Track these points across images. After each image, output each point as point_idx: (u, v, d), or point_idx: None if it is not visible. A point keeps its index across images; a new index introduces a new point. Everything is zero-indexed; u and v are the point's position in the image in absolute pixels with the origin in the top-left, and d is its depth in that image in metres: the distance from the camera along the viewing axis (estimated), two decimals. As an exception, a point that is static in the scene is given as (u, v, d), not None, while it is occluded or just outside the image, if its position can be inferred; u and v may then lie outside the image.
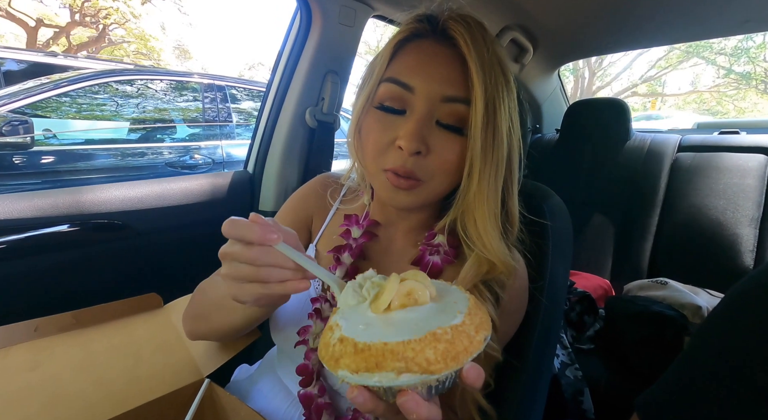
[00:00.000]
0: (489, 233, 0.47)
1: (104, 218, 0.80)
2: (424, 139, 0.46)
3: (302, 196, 0.66)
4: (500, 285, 0.50)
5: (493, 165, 0.47)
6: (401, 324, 0.29)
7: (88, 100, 2.58)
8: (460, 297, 0.32)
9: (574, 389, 0.96)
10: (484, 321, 0.30)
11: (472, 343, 0.28)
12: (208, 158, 2.87)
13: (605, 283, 1.36)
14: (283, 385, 0.61)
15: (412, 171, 0.46)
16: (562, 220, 0.67)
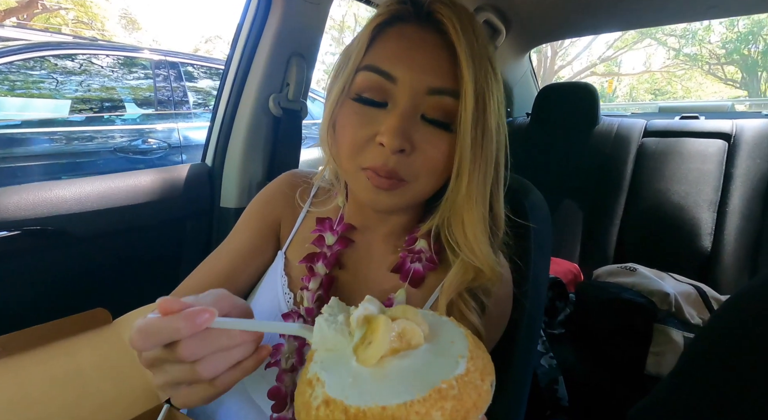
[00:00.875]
0: (478, 238, 0.44)
1: (34, 224, 0.69)
2: (408, 135, 0.41)
3: (267, 198, 0.60)
4: (486, 293, 0.47)
5: (482, 164, 0.43)
6: (396, 378, 0.24)
7: (21, 76, 2.29)
8: (456, 334, 0.28)
9: (549, 378, 0.97)
10: (487, 364, 0.26)
11: (481, 396, 0.24)
12: (163, 142, 2.66)
13: (575, 267, 1.39)
14: (254, 404, 0.56)
15: (395, 170, 0.42)
16: (543, 217, 0.65)
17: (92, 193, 0.77)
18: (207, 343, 0.28)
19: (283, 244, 0.57)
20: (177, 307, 0.27)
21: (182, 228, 0.89)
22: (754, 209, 1.24)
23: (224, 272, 0.54)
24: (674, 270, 1.15)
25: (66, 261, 0.72)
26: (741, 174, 1.28)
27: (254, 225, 0.58)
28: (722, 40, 11.87)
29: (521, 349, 0.56)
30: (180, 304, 0.27)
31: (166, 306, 0.27)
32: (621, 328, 0.98)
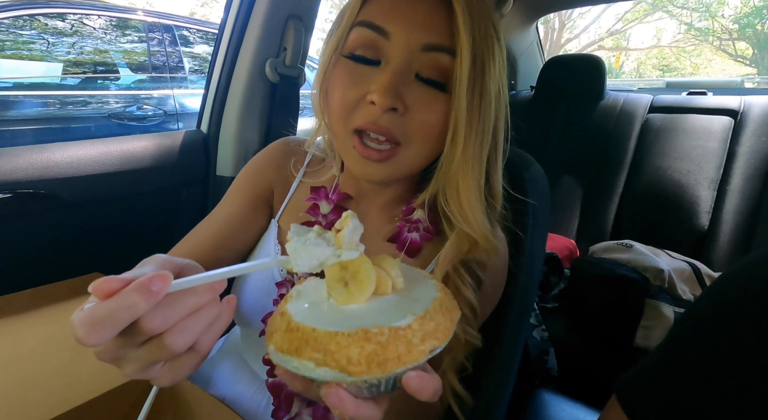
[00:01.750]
0: (473, 207, 0.43)
1: (26, 187, 0.68)
2: (401, 94, 0.40)
3: (259, 165, 0.58)
4: (481, 266, 0.47)
5: (479, 130, 0.42)
6: (345, 314, 0.26)
7: (11, 36, 2.20)
8: (427, 294, 0.28)
9: (540, 349, 0.99)
10: (439, 329, 0.25)
11: (410, 353, 0.24)
12: (158, 109, 2.60)
13: (571, 243, 1.40)
14: (248, 368, 0.57)
15: (387, 128, 0.41)
16: (542, 191, 0.64)
17: (85, 157, 0.75)
18: (172, 309, 0.23)
19: (276, 213, 0.56)
20: (117, 285, 0.22)
21: (177, 196, 0.88)
22: (753, 188, 1.23)
23: (213, 240, 0.53)
24: (670, 247, 1.15)
25: (59, 225, 0.72)
26: (744, 152, 1.26)
27: (245, 192, 0.56)
28: (735, 15, 11.47)
29: (513, 322, 0.57)
30: (119, 282, 0.22)
31: (104, 287, 0.22)
32: (613, 302, 0.99)
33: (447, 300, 0.28)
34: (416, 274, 0.31)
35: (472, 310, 0.45)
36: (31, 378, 0.52)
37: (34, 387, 0.52)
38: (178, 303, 0.24)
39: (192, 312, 0.25)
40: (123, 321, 0.21)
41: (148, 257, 0.27)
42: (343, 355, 0.23)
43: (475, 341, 0.46)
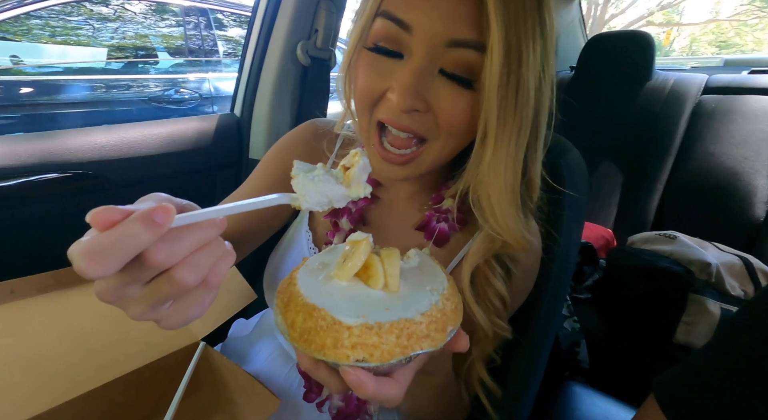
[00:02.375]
0: (504, 211, 0.40)
1: (76, 168, 0.72)
2: (421, 93, 0.37)
3: (289, 145, 0.57)
4: (513, 259, 0.45)
5: (514, 129, 0.38)
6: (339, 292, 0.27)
7: (61, 22, 2.31)
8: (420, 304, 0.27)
9: (571, 341, 0.97)
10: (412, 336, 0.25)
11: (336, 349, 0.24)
12: (194, 93, 2.67)
13: (608, 233, 1.34)
14: (281, 348, 0.59)
15: (409, 126, 0.39)
16: (580, 179, 0.61)
17: (129, 139, 0.78)
18: (178, 243, 0.22)
19: None
20: (118, 216, 0.20)
21: (212, 178, 0.90)
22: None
23: (235, 216, 0.53)
24: (719, 239, 1.08)
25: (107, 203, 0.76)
26: (811, 138, 1.15)
27: (274, 168, 0.56)
28: (810, -18, 10.28)
29: (544, 314, 0.55)
30: (120, 212, 0.21)
31: (103, 217, 0.20)
32: (652, 295, 0.95)
33: (449, 299, 0.27)
34: (427, 264, 0.31)
35: (502, 302, 0.44)
36: (83, 346, 0.56)
37: (86, 355, 0.56)
38: (184, 237, 0.22)
39: (199, 246, 0.23)
40: (127, 251, 0.20)
41: (152, 194, 0.25)
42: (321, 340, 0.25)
43: (505, 333, 0.45)
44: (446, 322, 0.25)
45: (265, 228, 0.58)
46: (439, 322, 0.25)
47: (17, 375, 0.51)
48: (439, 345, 0.25)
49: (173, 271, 0.22)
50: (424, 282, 0.29)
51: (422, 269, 0.31)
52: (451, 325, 0.26)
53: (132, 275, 0.22)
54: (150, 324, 0.58)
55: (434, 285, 0.28)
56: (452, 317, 0.26)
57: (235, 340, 0.68)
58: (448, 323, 0.26)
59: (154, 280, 0.23)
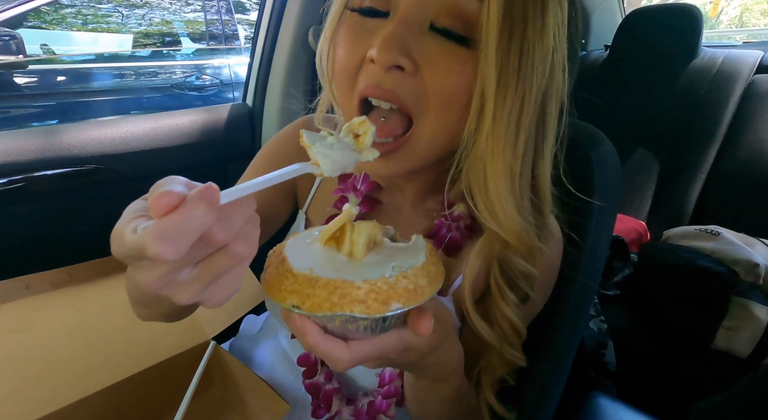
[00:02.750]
0: (501, 197, 0.35)
1: (86, 162, 0.72)
2: (408, 48, 0.32)
3: (279, 147, 0.53)
4: (527, 279, 0.39)
5: (516, 100, 0.32)
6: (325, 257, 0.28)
7: (92, 10, 2.35)
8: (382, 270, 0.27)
9: (597, 341, 0.92)
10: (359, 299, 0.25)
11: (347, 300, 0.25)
12: (215, 79, 2.67)
13: (641, 225, 1.25)
14: (286, 355, 0.57)
15: (392, 92, 0.33)
16: (612, 174, 0.55)
17: (138, 132, 0.77)
18: (233, 219, 0.22)
19: (303, 203, 0.53)
20: (176, 200, 0.20)
21: (224, 170, 0.89)
22: None
23: None
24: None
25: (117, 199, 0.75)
26: None
27: (263, 170, 0.52)
28: None
29: (568, 321, 0.51)
30: (177, 196, 0.20)
31: (163, 203, 0.20)
32: (689, 296, 0.88)
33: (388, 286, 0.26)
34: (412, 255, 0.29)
35: (514, 331, 0.39)
36: (95, 343, 0.56)
37: (97, 352, 0.56)
38: (233, 213, 0.22)
39: (247, 220, 0.23)
40: (195, 232, 0.20)
41: (164, 179, 0.24)
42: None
43: (518, 362, 0.40)
44: (391, 297, 0.25)
45: (270, 225, 0.55)
46: (382, 293, 0.25)
47: (31, 371, 0.51)
48: (373, 315, 0.24)
49: (232, 246, 0.22)
50: (395, 259, 0.28)
51: (406, 250, 0.30)
52: (397, 302, 0.25)
53: (189, 257, 0.21)
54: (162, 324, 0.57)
55: (401, 264, 0.27)
56: (403, 295, 0.25)
57: (243, 338, 0.67)
58: (393, 298, 0.25)
59: (211, 258, 0.22)
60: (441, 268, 0.29)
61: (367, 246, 0.28)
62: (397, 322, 0.28)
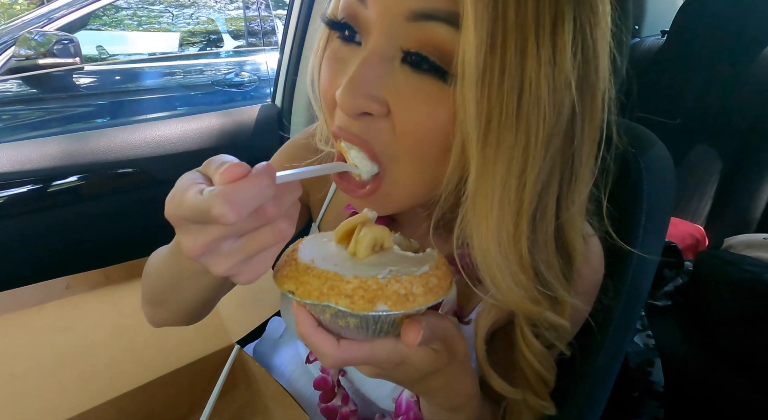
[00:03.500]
0: (497, 266, 0.29)
1: (123, 166, 0.74)
2: (376, 88, 0.28)
3: (291, 152, 0.50)
4: (555, 328, 0.34)
5: (517, 148, 0.26)
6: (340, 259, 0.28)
7: (145, 12, 2.48)
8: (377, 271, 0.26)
9: (643, 358, 0.85)
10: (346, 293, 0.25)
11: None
12: (253, 76, 2.73)
13: (698, 231, 1.14)
14: (305, 368, 0.56)
15: (361, 138, 0.30)
16: (663, 182, 0.50)
17: (171, 135, 0.79)
18: (283, 198, 0.23)
19: (316, 216, 0.51)
20: (244, 171, 0.21)
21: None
22: None
23: None
24: None
25: (152, 202, 0.78)
26: None
27: None
28: None
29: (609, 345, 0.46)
30: (245, 167, 0.22)
31: (233, 172, 0.21)
32: (753, 315, 0.78)
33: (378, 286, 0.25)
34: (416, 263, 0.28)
35: (540, 381, 0.35)
36: (129, 345, 0.58)
37: (130, 353, 0.58)
38: (285, 193, 0.24)
39: (293, 202, 0.25)
40: (257, 201, 0.21)
41: (216, 156, 0.25)
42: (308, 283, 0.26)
43: (545, 411, 0.36)
44: (378, 297, 0.25)
45: None
46: (369, 291, 0.25)
47: (67, 370, 0.54)
48: (357, 311, 0.24)
49: (279, 222, 0.23)
50: (396, 265, 0.27)
51: (412, 260, 0.28)
52: (383, 304, 0.24)
53: (239, 226, 0.22)
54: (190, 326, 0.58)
55: (400, 269, 0.26)
56: (391, 298, 0.25)
57: (266, 343, 0.67)
58: (380, 299, 0.24)
59: (257, 231, 0.23)
60: (446, 283, 0.27)
61: (371, 247, 0.28)
62: (393, 331, 0.27)
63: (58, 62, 2.01)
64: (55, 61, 2.00)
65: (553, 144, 0.27)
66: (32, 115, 2.03)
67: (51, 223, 0.71)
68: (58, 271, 0.62)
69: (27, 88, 2.00)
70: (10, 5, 3.34)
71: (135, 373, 0.55)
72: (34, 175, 0.68)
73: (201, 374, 0.60)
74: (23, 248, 0.71)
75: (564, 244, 0.33)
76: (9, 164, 0.66)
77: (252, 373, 0.60)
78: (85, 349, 0.57)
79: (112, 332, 0.60)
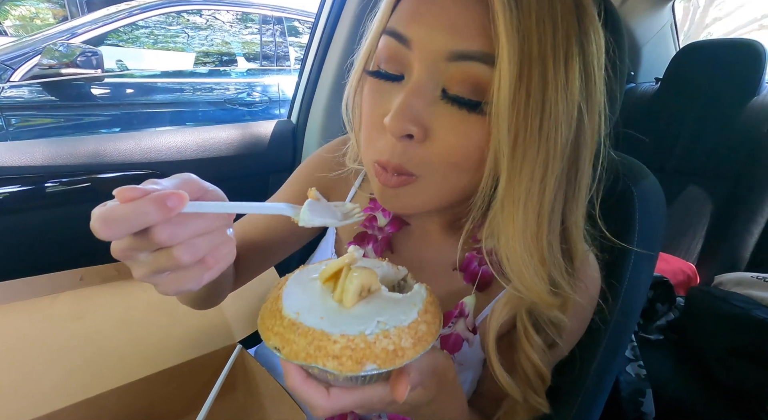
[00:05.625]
0: (520, 263, 0.34)
1: (143, 167, 0.78)
2: (419, 117, 0.32)
3: (316, 164, 0.55)
4: (555, 324, 0.38)
5: (537, 163, 0.31)
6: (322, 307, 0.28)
7: (162, 31, 2.61)
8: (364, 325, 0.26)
9: (634, 388, 0.86)
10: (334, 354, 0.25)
11: None
12: (264, 96, 2.84)
13: (689, 268, 1.17)
14: None
15: (400, 165, 0.34)
16: (655, 211, 0.53)
17: (191, 142, 0.83)
18: (183, 227, 0.25)
19: None
20: (137, 194, 0.23)
21: (266, 182, 0.94)
22: None
23: (262, 225, 0.53)
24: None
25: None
26: None
27: (302, 185, 0.55)
28: None
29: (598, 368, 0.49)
30: (139, 191, 0.24)
31: (125, 193, 0.23)
32: (743, 350, 0.80)
33: (366, 345, 0.25)
34: (405, 309, 0.28)
35: (539, 376, 0.38)
36: (136, 337, 0.60)
37: (137, 345, 0.59)
38: (189, 223, 0.25)
39: (201, 233, 0.26)
40: (134, 225, 0.23)
41: (179, 174, 0.28)
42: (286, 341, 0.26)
43: (541, 408, 0.39)
44: (366, 356, 0.24)
45: (293, 239, 0.57)
46: (357, 351, 0.24)
47: (77, 357, 0.55)
48: (345, 373, 0.24)
49: (173, 250, 0.25)
50: (383, 313, 0.27)
51: (400, 302, 0.28)
52: (372, 363, 0.24)
53: (139, 243, 0.25)
54: (194, 322, 0.60)
55: (388, 320, 0.26)
56: (380, 356, 0.24)
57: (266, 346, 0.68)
58: (369, 359, 0.24)
59: (157, 252, 0.25)
60: (435, 327, 0.28)
61: (358, 294, 0.27)
62: (383, 378, 0.27)
63: (80, 72, 2.10)
64: (78, 71, 2.09)
65: (566, 154, 0.32)
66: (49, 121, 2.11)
67: (70, 217, 0.74)
68: (73, 263, 0.64)
69: (47, 95, 2.08)
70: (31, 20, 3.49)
71: (140, 364, 0.57)
72: (61, 171, 0.71)
73: (203, 370, 0.61)
74: (42, 240, 0.73)
75: (568, 246, 0.37)
76: (41, 159, 0.70)
77: (252, 372, 0.61)
78: (96, 338, 0.58)
79: (120, 324, 0.61)
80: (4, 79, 1.96)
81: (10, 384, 0.50)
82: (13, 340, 0.55)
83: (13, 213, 0.71)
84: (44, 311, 0.59)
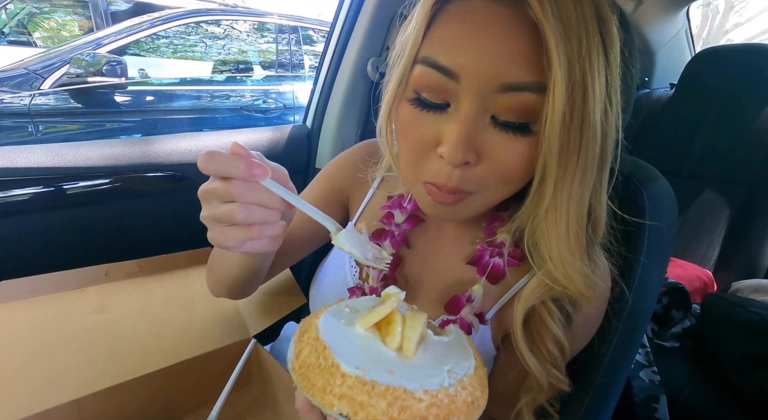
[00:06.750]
0: (565, 260, 0.36)
1: (167, 169, 0.81)
2: (474, 144, 0.34)
3: (341, 164, 0.58)
4: (573, 304, 0.40)
5: (578, 170, 0.34)
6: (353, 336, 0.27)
7: (181, 40, 2.71)
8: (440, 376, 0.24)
9: (647, 394, 0.84)
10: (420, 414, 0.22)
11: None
12: (279, 103, 2.90)
13: (706, 274, 1.15)
14: None
15: (457, 187, 0.36)
16: (665, 213, 0.53)
17: (211, 146, 0.87)
18: (251, 191, 0.31)
19: (353, 216, 0.56)
20: (245, 153, 0.31)
21: (281, 184, 0.96)
22: None
23: (302, 222, 0.55)
24: None
25: (187, 203, 0.85)
26: None
27: (323, 186, 0.58)
28: None
29: (609, 363, 0.49)
30: (245, 152, 0.31)
31: (237, 148, 0.31)
32: (761, 358, 0.79)
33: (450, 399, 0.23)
34: (461, 353, 0.27)
35: (560, 349, 0.40)
36: (155, 329, 0.63)
37: (156, 337, 0.62)
38: (257, 191, 0.31)
39: (260, 203, 0.32)
40: (224, 169, 0.30)
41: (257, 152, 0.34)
42: None
43: (562, 385, 0.40)
44: (452, 412, 0.22)
45: (317, 240, 0.59)
46: (443, 408, 0.22)
47: (101, 347, 0.58)
48: None
49: (234, 205, 0.31)
50: (446, 360, 0.25)
51: (452, 347, 0.28)
52: (457, 418, 0.22)
53: (219, 188, 0.31)
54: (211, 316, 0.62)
55: (456, 367, 0.25)
56: (463, 410, 0.23)
57: (283, 341, 0.70)
58: (454, 414, 0.22)
59: (224, 204, 0.31)
60: (483, 370, 0.27)
61: (419, 343, 0.26)
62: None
63: (105, 80, 2.19)
64: (103, 79, 2.18)
65: (597, 154, 0.35)
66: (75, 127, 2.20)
67: (96, 216, 0.78)
68: (99, 259, 0.68)
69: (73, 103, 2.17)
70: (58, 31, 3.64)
71: (159, 356, 0.59)
72: (89, 172, 0.75)
73: (219, 363, 0.63)
74: (71, 236, 0.77)
75: (594, 230, 0.40)
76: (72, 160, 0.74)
77: (266, 366, 0.63)
78: (118, 330, 0.61)
79: (141, 317, 0.64)
80: (35, 88, 2.06)
81: (40, 371, 0.52)
82: (43, 330, 0.58)
83: (42, 211, 0.75)
84: (71, 304, 0.63)
